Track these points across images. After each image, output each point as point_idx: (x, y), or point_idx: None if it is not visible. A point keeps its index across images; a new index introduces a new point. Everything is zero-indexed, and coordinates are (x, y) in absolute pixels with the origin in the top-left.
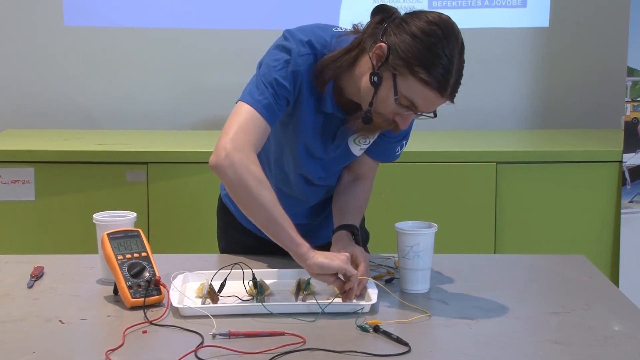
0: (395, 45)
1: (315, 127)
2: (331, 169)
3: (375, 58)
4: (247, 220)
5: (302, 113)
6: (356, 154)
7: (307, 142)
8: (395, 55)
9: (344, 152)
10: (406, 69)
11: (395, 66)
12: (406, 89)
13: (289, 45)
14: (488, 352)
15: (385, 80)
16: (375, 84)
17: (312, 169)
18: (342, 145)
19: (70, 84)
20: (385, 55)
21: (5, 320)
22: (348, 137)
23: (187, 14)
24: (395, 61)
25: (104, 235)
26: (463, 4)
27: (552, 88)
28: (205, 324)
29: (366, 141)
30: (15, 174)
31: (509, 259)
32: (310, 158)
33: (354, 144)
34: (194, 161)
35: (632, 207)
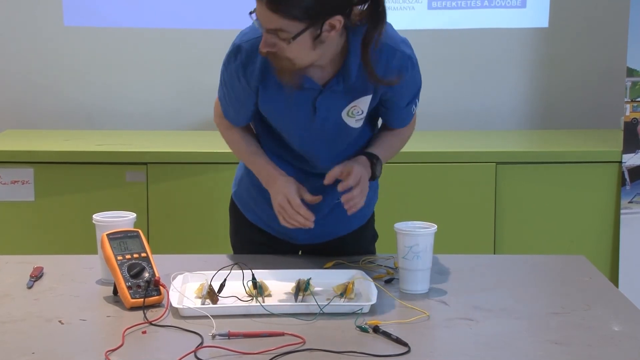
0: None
1: (288, 105)
2: (335, 146)
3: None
4: (254, 216)
5: (269, 93)
6: (354, 126)
7: (288, 121)
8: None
9: (339, 127)
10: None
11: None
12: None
13: (233, 42)
14: (488, 352)
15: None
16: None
17: (313, 146)
18: (332, 119)
19: (70, 84)
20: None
21: (5, 321)
22: (340, 111)
23: (187, 14)
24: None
25: (104, 235)
26: (463, 4)
27: (552, 88)
28: (205, 325)
29: (359, 111)
30: (14, 175)
31: (509, 259)
32: (302, 136)
33: (348, 117)
34: (193, 161)
35: (631, 208)
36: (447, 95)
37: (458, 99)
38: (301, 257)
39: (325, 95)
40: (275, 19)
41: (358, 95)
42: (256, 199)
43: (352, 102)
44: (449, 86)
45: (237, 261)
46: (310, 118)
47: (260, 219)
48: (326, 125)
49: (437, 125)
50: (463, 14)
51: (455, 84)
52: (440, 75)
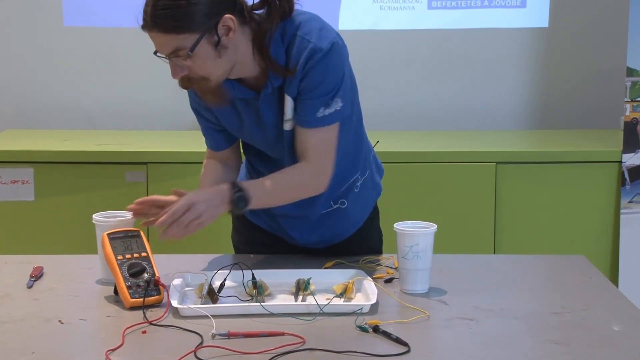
0: None
1: (239, 117)
2: (286, 151)
3: None
4: (254, 216)
5: (222, 112)
6: (287, 129)
7: (248, 133)
8: None
9: (285, 133)
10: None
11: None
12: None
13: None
14: (488, 352)
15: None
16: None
17: (282, 154)
18: (280, 125)
19: (70, 84)
20: None
21: (5, 321)
22: (282, 117)
23: None
24: None
25: (104, 235)
26: (463, 4)
27: (552, 88)
28: (205, 324)
29: (288, 116)
30: (14, 174)
31: (509, 259)
32: (267, 145)
33: (284, 121)
34: (193, 161)
35: (631, 207)
36: (447, 95)
37: (458, 99)
38: (301, 257)
39: (265, 101)
40: (168, 39)
41: (283, 99)
42: None
43: (284, 107)
44: (449, 86)
45: (237, 261)
46: (260, 126)
47: (259, 217)
48: (276, 133)
49: (437, 125)
50: (463, 14)
51: (455, 84)
52: (440, 75)
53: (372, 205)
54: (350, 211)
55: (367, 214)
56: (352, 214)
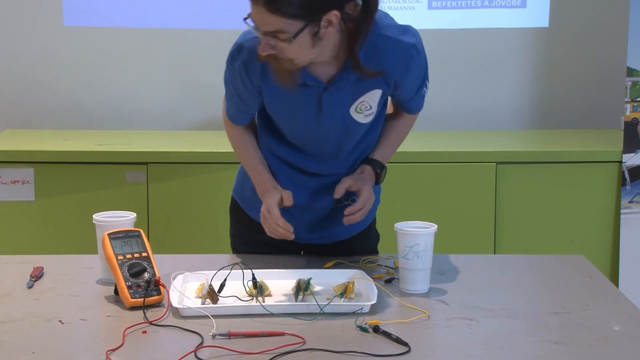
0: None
1: (293, 104)
2: (343, 144)
3: None
4: (258, 213)
5: (273, 93)
6: (363, 122)
7: (295, 120)
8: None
9: (347, 124)
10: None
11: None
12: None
13: (235, 41)
14: (488, 352)
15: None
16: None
17: (319, 145)
18: (340, 116)
19: (70, 84)
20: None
21: (5, 320)
22: (348, 108)
23: (187, 14)
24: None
25: (105, 235)
26: (463, 4)
27: (552, 88)
28: (205, 324)
29: (367, 107)
30: (15, 174)
31: (509, 259)
32: (308, 135)
33: (357, 112)
34: (193, 161)
35: (631, 208)
36: (447, 95)
37: (458, 99)
38: (301, 257)
39: (330, 92)
40: (273, 20)
41: (365, 90)
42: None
43: (360, 98)
44: (449, 86)
45: (237, 261)
46: (317, 116)
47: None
48: (333, 123)
49: (437, 125)
50: (463, 14)
51: (455, 84)
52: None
53: (374, 210)
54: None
55: (370, 217)
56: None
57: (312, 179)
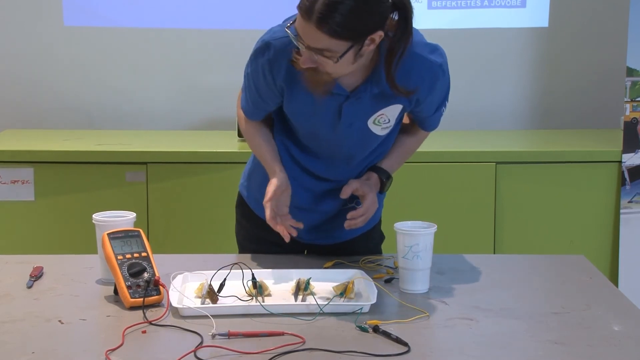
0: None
1: (313, 108)
2: (355, 152)
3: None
4: (262, 211)
5: (294, 95)
6: (380, 134)
7: (312, 124)
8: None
9: (364, 134)
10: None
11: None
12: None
13: (262, 38)
14: (488, 352)
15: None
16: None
17: (333, 151)
18: (357, 126)
19: (70, 84)
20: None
21: (5, 320)
22: (367, 119)
23: (187, 14)
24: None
25: (105, 235)
26: (462, 4)
27: (552, 88)
28: (205, 324)
29: (386, 120)
30: (14, 174)
31: (509, 259)
32: (323, 140)
33: (374, 124)
34: (193, 161)
35: (631, 207)
36: None
37: (458, 98)
38: (301, 257)
39: (352, 102)
40: (322, 38)
41: (386, 104)
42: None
43: (380, 111)
44: None
45: (238, 261)
46: (335, 123)
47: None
48: (350, 132)
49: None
50: (463, 14)
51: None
52: None
53: (377, 216)
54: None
55: (372, 222)
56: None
57: (319, 183)
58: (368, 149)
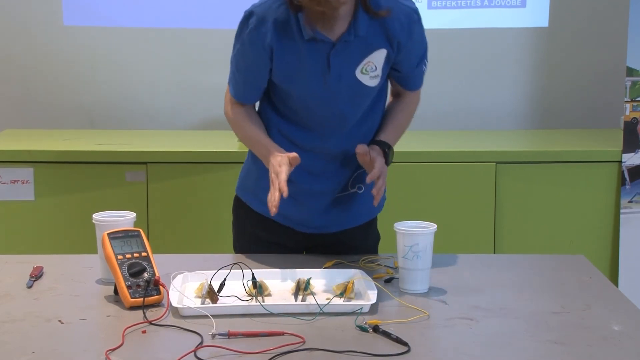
0: None
1: (302, 63)
2: (350, 111)
3: None
4: (261, 205)
5: (282, 54)
6: (369, 84)
7: (303, 82)
8: None
9: (354, 86)
10: None
11: None
12: None
13: (246, 11)
14: (488, 352)
15: None
16: None
17: (328, 110)
18: (346, 78)
19: (70, 83)
20: None
21: (5, 320)
22: (354, 68)
23: (187, 14)
24: None
25: (105, 234)
26: (462, 4)
27: (552, 88)
28: (205, 324)
29: (373, 68)
30: (14, 174)
31: (509, 259)
32: (316, 99)
33: (362, 74)
34: (193, 161)
35: (631, 207)
36: (447, 95)
37: (458, 98)
38: (301, 257)
39: (338, 50)
40: None
41: (371, 50)
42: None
43: (366, 58)
44: (448, 86)
45: (238, 261)
46: (325, 75)
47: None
48: (339, 86)
49: (437, 125)
50: (463, 14)
51: (455, 84)
52: (440, 75)
53: (382, 205)
54: (363, 199)
55: (376, 211)
56: (364, 202)
57: (316, 160)
58: (359, 106)
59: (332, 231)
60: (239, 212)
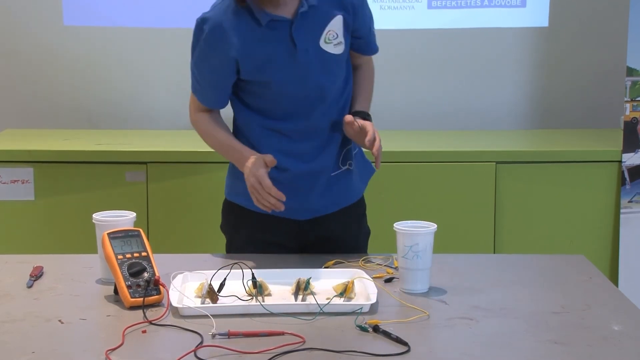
0: None
1: (268, 49)
2: (325, 79)
3: None
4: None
5: (248, 52)
6: (335, 52)
7: (275, 67)
8: None
9: (323, 57)
10: None
11: None
12: None
13: (197, 19)
14: (488, 352)
15: None
16: None
17: (303, 91)
18: (313, 50)
19: (70, 83)
20: None
21: (5, 320)
22: (318, 40)
23: (187, 14)
24: None
25: (105, 234)
26: (463, 4)
27: (552, 88)
28: (205, 324)
29: (334, 35)
30: (14, 174)
31: (509, 259)
32: (290, 82)
33: (326, 43)
34: (193, 161)
35: (631, 207)
36: (447, 95)
37: (458, 98)
38: (301, 257)
39: (297, 25)
40: None
41: (329, 19)
42: None
43: (326, 28)
44: (448, 86)
45: (237, 260)
46: (293, 54)
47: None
48: (308, 59)
49: (437, 125)
50: (463, 14)
51: (455, 84)
52: (440, 75)
53: (368, 176)
54: (355, 174)
55: (365, 183)
56: (356, 177)
57: (304, 142)
58: (335, 76)
59: (331, 212)
60: (230, 217)
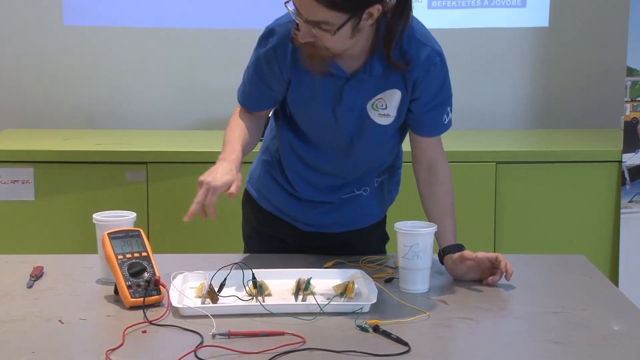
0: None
1: (315, 93)
2: (357, 139)
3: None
4: (268, 204)
5: (298, 80)
6: (378, 122)
7: (314, 110)
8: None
9: (363, 119)
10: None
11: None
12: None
13: (267, 26)
14: (488, 351)
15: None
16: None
17: (335, 140)
18: (357, 110)
19: (70, 83)
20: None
21: (5, 320)
22: (366, 102)
23: (187, 14)
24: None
25: (105, 234)
26: (463, 4)
27: (552, 88)
28: (205, 324)
29: (383, 105)
30: (14, 174)
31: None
32: (326, 127)
33: (372, 109)
34: (193, 161)
35: (631, 207)
36: None
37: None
38: (301, 257)
39: (352, 85)
40: (320, 11)
41: (385, 88)
42: (269, 188)
43: (378, 95)
44: None
45: (238, 260)
46: (335, 107)
47: (273, 206)
48: (350, 116)
49: None
50: (463, 14)
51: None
52: None
53: (386, 208)
54: (367, 202)
55: (382, 214)
56: (372, 202)
57: (322, 178)
58: (367, 138)
59: (336, 231)
60: (247, 205)
